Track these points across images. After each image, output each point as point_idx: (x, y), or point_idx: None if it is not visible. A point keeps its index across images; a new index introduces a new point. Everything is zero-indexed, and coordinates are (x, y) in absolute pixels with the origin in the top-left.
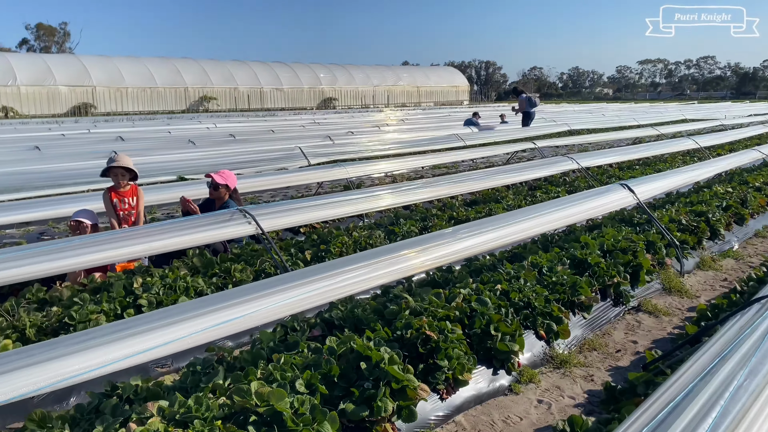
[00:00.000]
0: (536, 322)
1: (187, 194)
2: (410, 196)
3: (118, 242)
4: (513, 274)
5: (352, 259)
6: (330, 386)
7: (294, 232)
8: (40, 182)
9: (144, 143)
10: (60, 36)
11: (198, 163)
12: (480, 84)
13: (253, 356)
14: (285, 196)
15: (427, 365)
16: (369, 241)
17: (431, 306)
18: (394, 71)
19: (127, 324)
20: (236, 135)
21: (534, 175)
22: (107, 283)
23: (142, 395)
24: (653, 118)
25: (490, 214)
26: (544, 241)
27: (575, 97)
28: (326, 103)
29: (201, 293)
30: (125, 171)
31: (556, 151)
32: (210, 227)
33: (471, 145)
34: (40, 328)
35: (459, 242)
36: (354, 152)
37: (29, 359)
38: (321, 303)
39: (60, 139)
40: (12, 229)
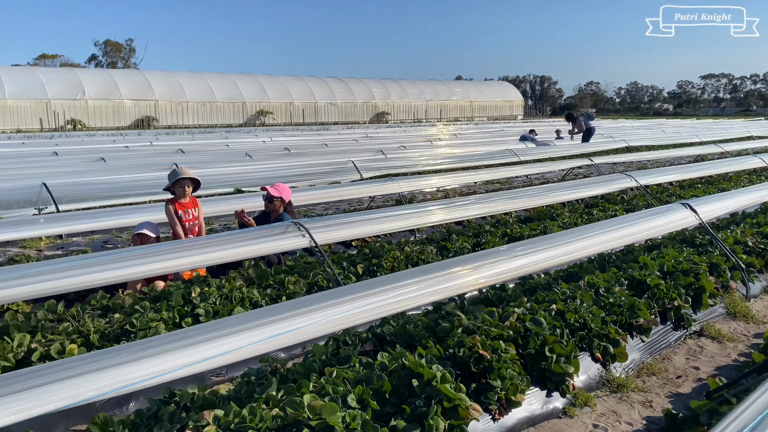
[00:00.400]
0: (592, 344)
1: (244, 206)
2: (463, 212)
3: (178, 252)
4: (569, 294)
5: (404, 275)
6: (381, 402)
7: (346, 246)
8: (104, 192)
9: (203, 156)
10: (126, 52)
11: (254, 176)
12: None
13: (306, 369)
14: (337, 209)
15: (479, 384)
16: (421, 256)
17: (484, 324)
18: (447, 86)
19: (186, 333)
20: (291, 148)
21: (590, 193)
22: (167, 292)
23: (198, 403)
24: (716, 134)
25: (545, 232)
26: (601, 261)
27: (633, 113)
28: (379, 117)
29: (256, 304)
30: (190, 182)
31: (614, 168)
32: (265, 239)
33: (525, 160)
34: (103, 333)
35: (513, 260)
36: (406, 167)
37: (94, 365)
38: (373, 318)
39: (124, 151)
40: (78, 237)
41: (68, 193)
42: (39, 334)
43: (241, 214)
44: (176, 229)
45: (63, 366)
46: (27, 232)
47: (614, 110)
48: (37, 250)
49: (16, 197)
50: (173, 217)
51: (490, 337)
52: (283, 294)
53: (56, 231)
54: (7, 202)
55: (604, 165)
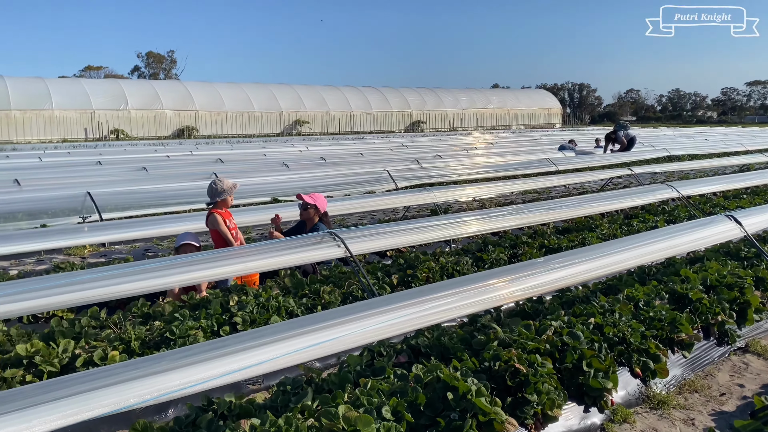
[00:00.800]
0: (631, 359)
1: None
2: (499, 223)
3: (217, 262)
4: (607, 307)
5: (439, 287)
6: (416, 415)
7: (381, 255)
8: (146, 201)
9: (241, 165)
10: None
11: (291, 185)
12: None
13: (341, 379)
14: (372, 219)
15: (515, 399)
16: (456, 267)
17: (520, 338)
18: (483, 94)
19: (224, 342)
20: (327, 158)
21: (630, 203)
22: (205, 300)
23: (235, 412)
24: (763, 143)
25: (584, 243)
26: (641, 274)
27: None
28: (414, 126)
29: (292, 313)
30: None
31: (654, 178)
32: (302, 249)
33: (563, 170)
34: (144, 341)
35: (551, 273)
36: (441, 176)
37: (136, 372)
38: (407, 330)
39: (165, 161)
40: (120, 245)
41: (111, 202)
42: (83, 340)
43: (276, 220)
44: (229, 238)
45: (106, 372)
46: (72, 240)
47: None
48: (81, 258)
49: (62, 206)
50: (224, 227)
51: (527, 350)
52: (318, 303)
53: (99, 240)
54: (53, 211)
55: (645, 175)
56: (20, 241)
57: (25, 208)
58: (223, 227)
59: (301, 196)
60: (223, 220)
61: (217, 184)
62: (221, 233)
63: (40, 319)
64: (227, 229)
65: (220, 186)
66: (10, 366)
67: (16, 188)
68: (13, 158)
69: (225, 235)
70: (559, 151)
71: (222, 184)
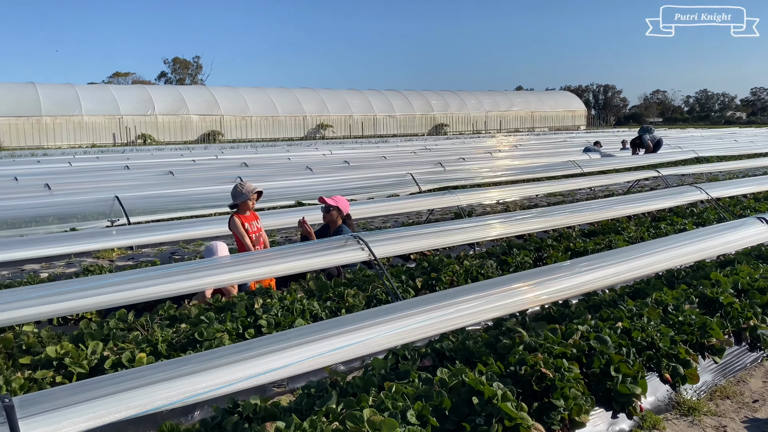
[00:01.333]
0: (660, 364)
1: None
2: (524, 226)
3: (242, 265)
4: (635, 311)
5: (463, 290)
6: (441, 419)
7: (404, 259)
8: (173, 205)
9: (266, 169)
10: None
11: (315, 188)
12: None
13: (365, 383)
14: (396, 222)
15: (541, 404)
16: (480, 270)
17: (546, 342)
18: (506, 96)
19: (249, 345)
20: (350, 161)
21: (657, 206)
22: (231, 303)
23: (261, 414)
24: None
25: (610, 247)
26: (669, 277)
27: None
28: (437, 129)
29: (316, 316)
30: (255, 195)
31: (682, 180)
32: (326, 252)
33: (589, 172)
34: (171, 343)
35: (577, 276)
36: (465, 179)
37: (164, 374)
38: (432, 334)
39: (191, 165)
40: (147, 248)
41: (139, 206)
42: (111, 342)
43: (303, 222)
44: (245, 241)
45: (134, 375)
46: (100, 243)
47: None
48: (109, 261)
49: (91, 210)
50: (242, 230)
51: (553, 355)
52: (342, 306)
53: (127, 243)
54: (82, 214)
55: (672, 177)
56: (50, 245)
57: (56, 212)
58: (241, 230)
59: (323, 199)
60: (241, 224)
61: (238, 188)
62: (240, 237)
63: (70, 321)
64: (245, 232)
65: (239, 189)
66: (40, 367)
67: (46, 193)
68: (44, 163)
69: (242, 238)
70: (584, 153)
71: (242, 188)
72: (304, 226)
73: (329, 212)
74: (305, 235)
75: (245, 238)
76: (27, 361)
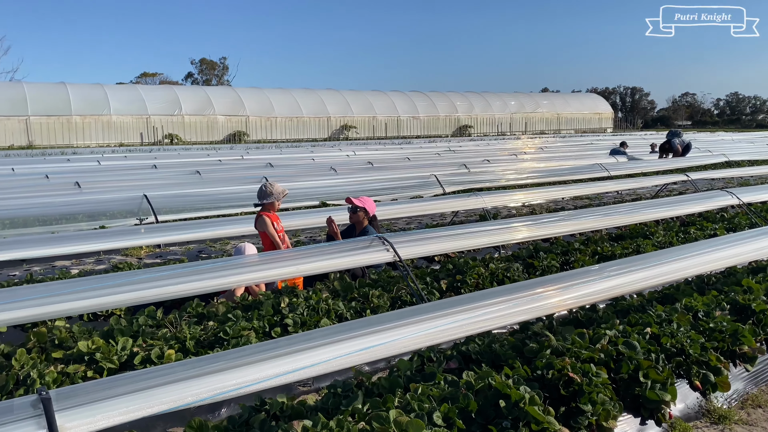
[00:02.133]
0: (690, 371)
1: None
2: (550, 229)
3: (269, 264)
4: (664, 317)
5: (490, 294)
6: (467, 421)
7: (429, 260)
8: (200, 204)
9: (290, 170)
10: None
11: (339, 189)
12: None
13: (391, 383)
14: (420, 223)
15: (568, 408)
16: (506, 273)
17: (574, 346)
18: (532, 98)
19: (276, 344)
20: (374, 162)
21: (686, 210)
22: (257, 302)
23: (287, 413)
24: None
25: (638, 251)
26: (699, 283)
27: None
28: (461, 130)
29: (341, 316)
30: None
31: (712, 185)
32: (352, 253)
33: (616, 175)
34: (198, 340)
35: (605, 280)
36: (490, 181)
37: (194, 371)
38: (458, 336)
39: (217, 165)
40: (175, 246)
41: (166, 205)
42: (140, 338)
43: (330, 221)
44: (275, 239)
45: (165, 371)
46: (129, 241)
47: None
48: (137, 258)
49: (119, 208)
50: (271, 228)
51: (580, 359)
52: (367, 307)
53: (155, 241)
54: (111, 212)
55: (701, 181)
56: (81, 242)
57: (85, 210)
58: (271, 229)
59: (350, 200)
60: (271, 222)
61: (267, 187)
62: (269, 235)
63: (99, 317)
64: (274, 231)
65: (269, 189)
66: (72, 361)
67: (76, 190)
68: (73, 161)
69: (273, 237)
70: (611, 156)
71: (271, 188)
72: (331, 225)
73: (356, 213)
74: (332, 234)
75: (276, 237)
76: (59, 355)
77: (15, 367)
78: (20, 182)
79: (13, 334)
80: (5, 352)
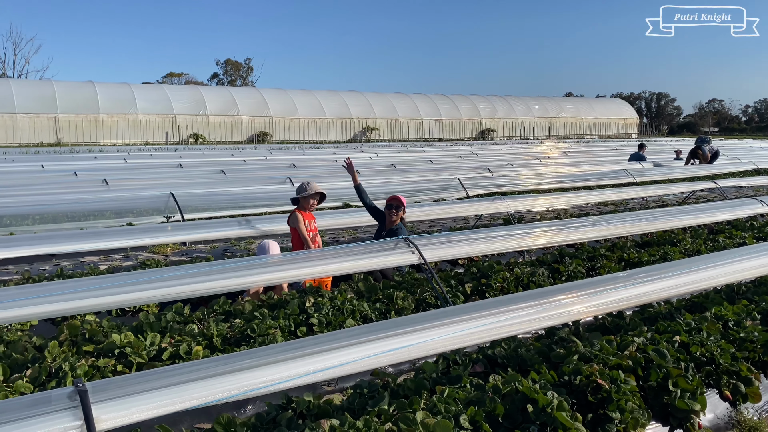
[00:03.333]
0: (720, 380)
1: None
2: (575, 234)
3: (294, 263)
4: (693, 325)
5: (516, 298)
6: (494, 425)
7: (452, 264)
8: (224, 203)
9: (313, 171)
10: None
11: None
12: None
13: (417, 385)
14: (442, 226)
15: (596, 415)
16: (532, 278)
17: (602, 353)
18: (556, 102)
19: (302, 343)
20: (396, 165)
21: (715, 218)
22: (283, 300)
23: (314, 411)
24: None
25: (665, 258)
26: (729, 292)
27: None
28: (484, 134)
29: (366, 317)
30: (318, 196)
31: (740, 192)
32: (376, 254)
33: (642, 181)
34: (225, 337)
35: (634, 287)
36: (513, 185)
37: (224, 367)
38: (484, 340)
39: (241, 165)
40: (200, 244)
41: (192, 203)
42: (168, 334)
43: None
44: (304, 236)
45: (195, 367)
46: (156, 238)
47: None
48: (164, 255)
49: (146, 205)
50: (302, 225)
51: (608, 366)
52: (391, 309)
53: (181, 239)
54: (138, 210)
55: (730, 188)
56: (109, 238)
57: (113, 207)
58: (302, 227)
59: (399, 198)
60: (303, 220)
61: (306, 185)
62: (299, 232)
63: (127, 313)
64: (304, 228)
65: (308, 186)
66: (102, 355)
67: (104, 188)
68: (100, 159)
69: (302, 235)
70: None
71: (310, 186)
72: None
73: (398, 212)
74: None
75: (306, 234)
76: (90, 348)
77: (47, 359)
78: (49, 179)
79: (44, 328)
80: (38, 344)
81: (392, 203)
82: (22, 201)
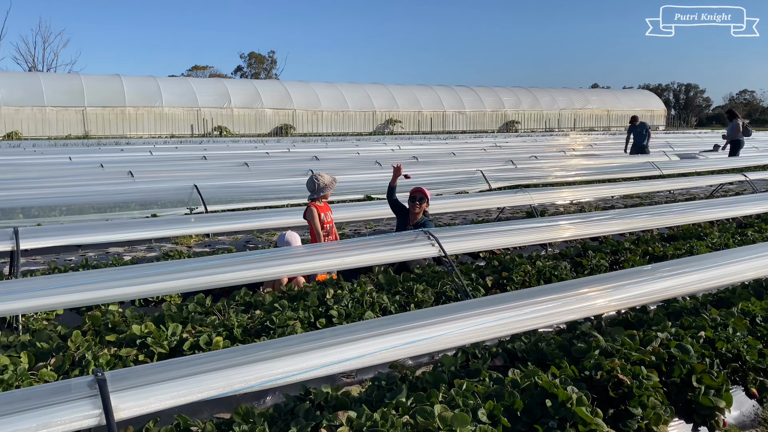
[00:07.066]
0: (746, 377)
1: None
2: (599, 227)
3: (315, 255)
4: (719, 321)
5: (537, 291)
6: (512, 419)
7: (473, 257)
8: (248, 195)
9: (336, 163)
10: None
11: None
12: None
13: (435, 378)
14: (464, 219)
15: (617, 411)
16: (554, 272)
17: (624, 348)
18: (581, 94)
19: (321, 335)
20: (419, 157)
21: (744, 212)
22: (303, 292)
23: (332, 403)
24: None
25: (692, 252)
26: (757, 287)
27: None
28: (508, 126)
29: (385, 310)
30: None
31: None
32: (396, 247)
33: (668, 174)
34: (245, 328)
35: (658, 282)
36: (537, 178)
37: (242, 358)
38: (504, 334)
39: (264, 157)
40: (223, 236)
41: (216, 195)
42: (189, 325)
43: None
44: (318, 231)
45: (214, 357)
46: (180, 230)
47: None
48: (187, 247)
49: (171, 197)
50: (317, 220)
51: (630, 361)
52: (411, 301)
53: (205, 230)
54: (162, 202)
55: (760, 181)
56: (133, 229)
57: (138, 199)
58: (316, 221)
59: (422, 190)
60: (318, 214)
61: (317, 180)
62: (313, 226)
63: (150, 303)
64: (319, 223)
65: (319, 182)
66: (124, 345)
67: (129, 180)
68: (126, 152)
69: (316, 229)
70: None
71: (319, 182)
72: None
73: (421, 204)
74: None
75: (319, 228)
76: (112, 338)
77: (71, 348)
78: (77, 171)
79: (69, 317)
80: (62, 333)
81: (415, 195)
82: (49, 192)
